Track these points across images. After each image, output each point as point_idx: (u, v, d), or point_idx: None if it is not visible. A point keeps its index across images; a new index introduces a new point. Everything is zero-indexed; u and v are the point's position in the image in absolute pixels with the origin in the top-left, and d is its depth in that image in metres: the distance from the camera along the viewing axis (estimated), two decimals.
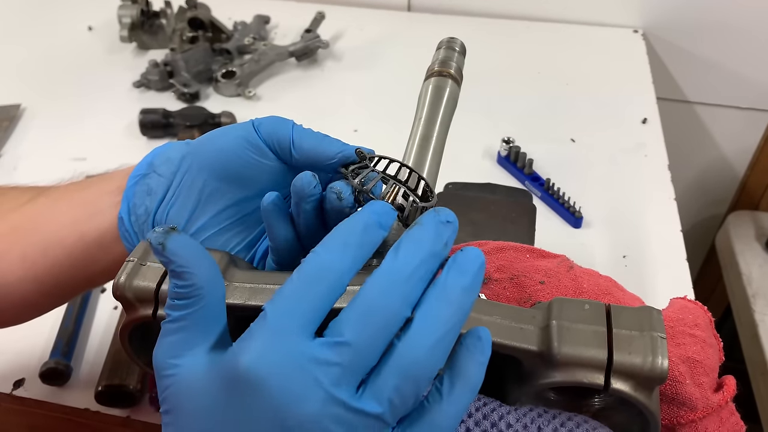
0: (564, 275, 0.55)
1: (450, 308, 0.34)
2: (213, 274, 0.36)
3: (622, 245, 1.01)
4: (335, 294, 0.34)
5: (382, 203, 0.36)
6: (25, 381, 0.85)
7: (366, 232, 0.35)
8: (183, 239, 0.35)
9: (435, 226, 0.35)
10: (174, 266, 0.35)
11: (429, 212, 0.36)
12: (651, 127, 1.24)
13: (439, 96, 0.63)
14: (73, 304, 0.91)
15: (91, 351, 0.87)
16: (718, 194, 1.77)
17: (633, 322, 0.43)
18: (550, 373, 0.42)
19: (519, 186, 1.09)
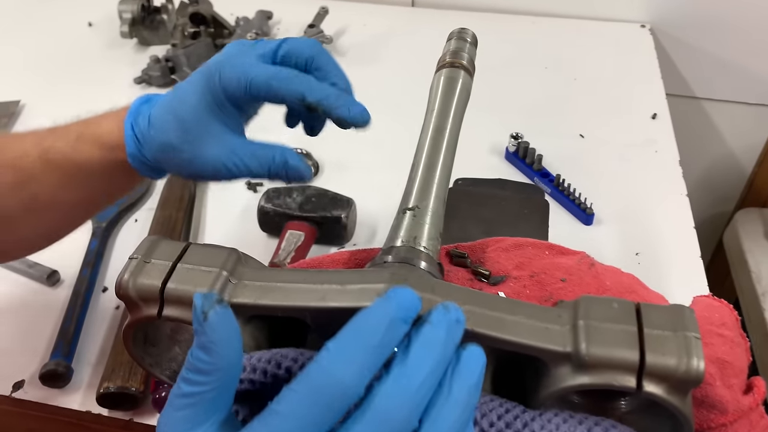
0: (585, 273, 0.53)
1: (458, 410, 0.33)
2: (237, 357, 0.35)
3: (635, 242, 0.99)
4: (344, 409, 0.32)
5: (410, 292, 0.33)
6: (25, 383, 0.82)
7: (390, 331, 0.33)
8: (225, 315, 0.34)
9: (447, 327, 0.34)
10: (206, 339, 0.33)
11: (438, 309, 0.34)
12: (661, 122, 1.21)
13: (452, 87, 0.61)
14: (73, 303, 0.89)
15: (92, 352, 0.85)
16: (725, 191, 1.75)
17: (665, 322, 0.41)
18: (578, 376, 0.40)
19: (528, 182, 1.07)
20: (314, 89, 0.51)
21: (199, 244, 0.47)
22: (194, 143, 0.53)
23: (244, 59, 0.53)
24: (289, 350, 0.42)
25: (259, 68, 0.52)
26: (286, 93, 0.51)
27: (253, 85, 0.51)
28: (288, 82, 0.51)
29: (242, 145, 0.54)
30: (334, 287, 0.43)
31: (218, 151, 0.53)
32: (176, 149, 0.53)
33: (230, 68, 0.52)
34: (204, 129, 0.53)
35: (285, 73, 0.52)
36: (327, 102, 0.51)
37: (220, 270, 0.45)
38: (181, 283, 0.44)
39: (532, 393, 0.43)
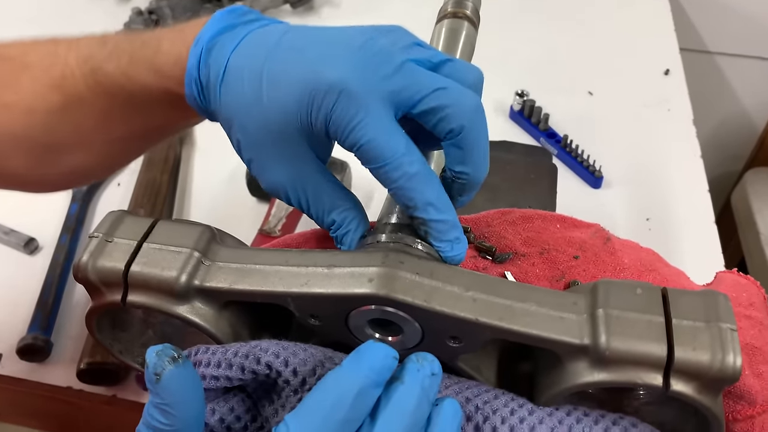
0: (601, 248, 0.47)
1: None
2: (197, 415, 0.33)
3: (645, 207, 0.93)
4: None
5: (383, 350, 0.31)
6: (2, 357, 0.78)
7: (358, 401, 0.31)
8: (182, 374, 0.32)
9: (420, 386, 0.31)
10: (160, 402, 0.32)
11: (411, 363, 0.32)
12: (674, 79, 1.15)
13: (455, 40, 0.55)
14: (52, 273, 0.84)
15: (72, 325, 0.81)
16: (735, 150, 1.69)
17: (696, 310, 0.36)
18: (596, 372, 0.35)
19: (534, 143, 1.01)
20: (432, 205, 0.39)
21: (168, 221, 0.42)
22: (261, 149, 0.42)
23: (369, 108, 0.38)
24: (270, 343, 0.37)
25: (380, 131, 0.38)
26: (396, 188, 0.39)
27: (362, 151, 0.38)
28: (407, 180, 0.38)
29: (315, 179, 0.42)
30: (320, 271, 0.38)
31: (283, 176, 0.42)
32: (237, 146, 0.43)
33: (345, 116, 0.38)
34: (281, 140, 0.41)
35: (408, 161, 0.38)
36: (434, 227, 0.40)
37: (192, 250, 0.40)
38: (148, 265, 0.39)
39: (542, 387, 0.38)
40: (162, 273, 0.39)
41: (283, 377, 0.36)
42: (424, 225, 0.40)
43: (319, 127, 0.39)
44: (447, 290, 0.37)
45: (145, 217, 0.42)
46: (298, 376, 0.36)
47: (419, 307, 0.36)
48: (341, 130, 0.38)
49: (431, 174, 0.40)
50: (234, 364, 0.37)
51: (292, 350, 0.37)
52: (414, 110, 0.39)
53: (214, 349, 0.38)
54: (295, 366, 0.36)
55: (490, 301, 0.37)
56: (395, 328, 0.39)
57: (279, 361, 0.36)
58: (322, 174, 0.42)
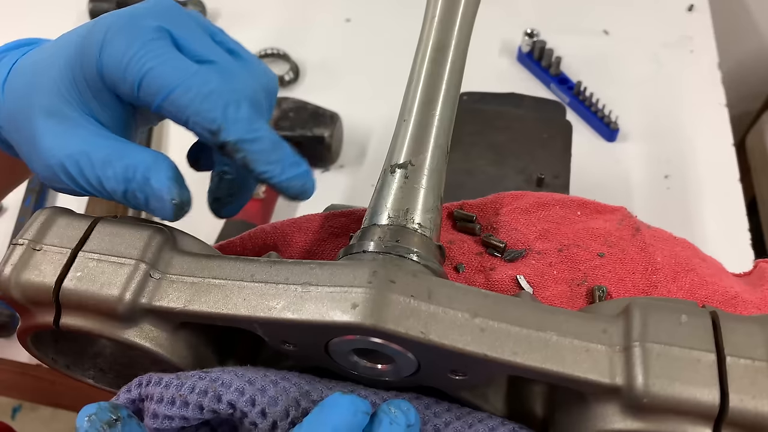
0: (629, 243, 0.40)
1: None
2: None
3: (664, 162, 0.86)
4: None
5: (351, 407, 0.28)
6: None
7: None
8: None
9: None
10: None
11: (383, 414, 0.29)
12: (698, 15, 1.04)
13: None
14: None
15: None
16: (753, 89, 1.59)
17: (755, 344, 0.29)
18: (630, 419, 0.29)
19: (543, 91, 0.92)
20: (240, 121, 0.32)
21: (110, 220, 0.35)
22: (26, 129, 0.34)
23: (145, 40, 0.33)
24: (233, 375, 0.31)
25: (162, 58, 0.32)
26: (192, 113, 0.32)
27: (145, 85, 0.32)
28: (203, 100, 0.32)
29: (103, 146, 0.34)
30: (292, 290, 0.31)
31: (58, 148, 0.33)
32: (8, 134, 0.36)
33: (118, 43, 0.33)
34: (49, 113, 0.34)
35: (201, 80, 0.32)
36: (250, 148, 0.33)
37: (138, 261, 0.32)
38: (84, 280, 0.32)
39: (560, 427, 0.32)
40: (101, 291, 0.32)
41: (249, 419, 0.30)
42: (238, 150, 0.32)
43: (94, 74, 0.33)
44: (449, 317, 0.30)
45: (86, 215, 0.35)
46: (267, 418, 0.30)
47: (414, 340, 0.29)
48: (115, 69, 0.33)
49: (234, 91, 0.33)
50: (190, 402, 0.30)
51: (260, 385, 0.31)
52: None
53: (167, 381, 0.31)
54: (264, 406, 0.30)
55: (502, 331, 0.30)
56: (387, 357, 0.32)
57: (244, 400, 0.30)
58: (108, 137, 0.34)
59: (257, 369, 0.33)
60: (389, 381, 0.34)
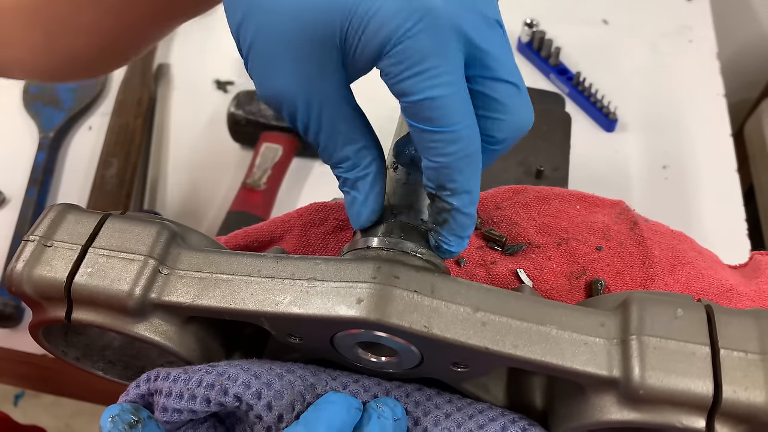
0: (627, 236, 0.41)
1: None
2: None
3: (662, 153, 0.86)
4: None
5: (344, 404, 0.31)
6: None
7: None
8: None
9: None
10: None
11: (371, 410, 0.32)
12: (697, 5, 1.04)
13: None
14: (20, 230, 0.78)
15: None
16: (751, 76, 1.59)
17: (748, 337, 0.30)
18: (626, 410, 0.30)
19: (543, 81, 0.92)
20: (470, 195, 0.31)
21: (119, 216, 0.35)
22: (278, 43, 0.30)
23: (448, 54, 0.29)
24: (239, 369, 0.32)
25: (453, 91, 0.29)
26: (442, 163, 0.30)
27: (418, 108, 0.29)
28: (458, 160, 0.30)
29: (336, 99, 0.32)
30: (299, 285, 0.32)
31: (298, 84, 0.31)
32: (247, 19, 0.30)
33: (415, 51, 0.28)
34: (310, 41, 0.29)
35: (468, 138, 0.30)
36: (458, 220, 0.32)
37: (147, 257, 0.33)
38: (94, 276, 0.33)
39: (559, 417, 0.33)
40: (111, 286, 0.32)
41: (254, 412, 0.31)
42: (448, 213, 0.32)
43: (369, 53, 0.29)
44: (451, 312, 0.31)
45: (94, 211, 0.36)
46: (273, 411, 0.31)
47: (418, 334, 0.30)
48: (401, 67, 0.28)
49: (480, 162, 0.31)
50: (198, 396, 0.31)
51: (266, 379, 0.32)
52: (475, 84, 0.30)
53: (175, 375, 0.32)
54: (270, 399, 0.31)
55: (503, 325, 0.31)
56: (391, 349, 0.33)
57: (250, 393, 0.31)
58: (346, 96, 0.32)
59: (263, 362, 0.34)
60: (393, 372, 0.35)
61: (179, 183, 0.83)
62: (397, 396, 0.34)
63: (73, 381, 0.81)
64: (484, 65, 0.30)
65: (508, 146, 0.32)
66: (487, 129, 0.31)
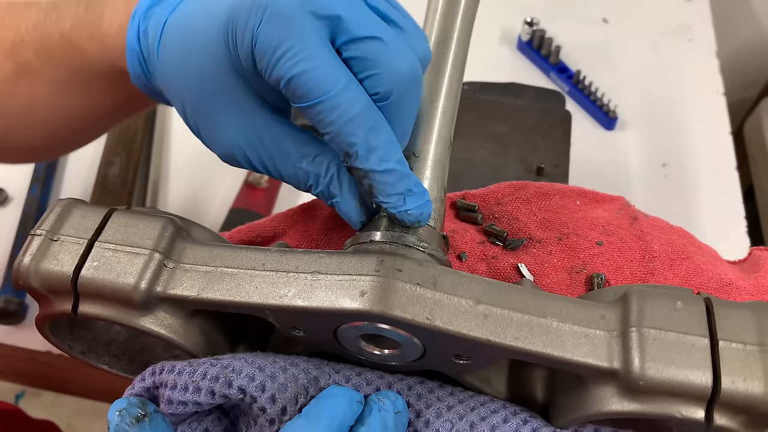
0: (627, 231, 0.42)
1: None
2: None
3: (662, 151, 0.87)
4: None
5: (346, 397, 0.31)
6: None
7: None
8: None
9: (382, 426, 0.31)
10: None
11: (372, 404, 0.32)
12: (697, 4, 1.05)
13: None
14: (23, 228, 0.78)
15: None
16: (751, 75, 1.59)
17: (747, 329, 0.30)
18: (627, 401, 0.30)
19: (543, 79, 0.93)
20: (376, 151, 0.32)
21: (124, 211, 0.36)
22: (205, 107, 0.36)
23: (302, 33, 0.31)
24: (244, 362, 0.32)
25: (316, 62, 0.31)
26: (333, 131, 0.32)
27: (292, 86, 0.32)
28: (347, 122, 0.32)
29: (271, 128, 0.35)
30: (303, 278, 0.32)
31: (235, 133, 0.35)
32: (183, 111, 0.37)
33: (273, 29, 0.31)
34: (222, 89, 0.35)
35: (349, 99, 0.32)
36: (379, 179, 0.33)
37: (152, 251, 0.34)
38: (101, 270, 0.33)
39: (561, 409, 0.34)
40: (117, 280, 0.33)
41: (258, 404, 0.31)
42: (367, 178, 0.33)
43: (246, 59, 0.33)
44: (453, 304, 0.31)
45: (100, 205, 0.36)
46: (276, 403, 0.31)
47: (420, 326, 0.30)
48: (267, 58, 0.32)
49: (378, 116, 0.33)
50: (202, 388, 0.32)
51: (270, 372, 0.32)
52: (344, 52, 0.32)
53: (180, 368, 0.32)
54: (274, 392, 0.31)
55: (504, 317, 0.31)
56: (393, 342, 0.33)
57: (254, 386, 0.31)
58: (277, 121, 0.36)
59: (267, 355, 0.34)
60: (395, 365, 0.35)
61: (181, 181, 0.84)
62: (399, 389, 0.35)
63: (75, 378, 0.81)
64: (344, 31, 0.32)
65: (404, 96, 0.33)
66: (370, 88, 0.33)
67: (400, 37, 0.34)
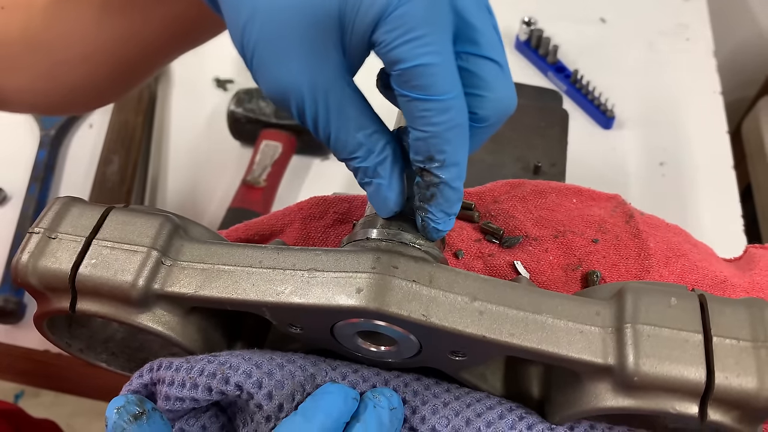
0: (622, 229, 0.42)
1: None
2: None
3: (659, 150, 0.87)
4: None
5: (341, 394, 0.32)
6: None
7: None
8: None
9: (377, 422, 0.31)
10: None
11: (368, 400, 0.32)
12: (694, 3, 1.05)
13: None
14: (22, 227, 0.78)
15: None
16: (749, 75, 1.60)
17: (740, 326, 0.31)
18: (621, 396, 0.31)
19: (541, 79, 0.93)
20: (458, 167, 0.32)
21: (122, 209, 0.36)
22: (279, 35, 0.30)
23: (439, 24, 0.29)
24: (241, 359, 0.32)
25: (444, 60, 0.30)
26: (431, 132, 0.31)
27: (407, 74, 0.30)
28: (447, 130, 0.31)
29: (341, 87, 0.32)
30: (299, 275, 0.32)
31: (302, 74, 0.31)
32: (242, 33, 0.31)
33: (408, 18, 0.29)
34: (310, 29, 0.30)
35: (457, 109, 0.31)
36: (446, 194, 0.33)
37: (150, 249, 0.34)
38: (98, 267, 0.33)
39: (556, 405, 0.34)
40: (115, 277, 0.33)
41: (254, 400, 0.32)
42: (436, 188, 0.32)
43: (365, 21, 0.30)
44: (449, 301, 0.31)
45: (97, 204, 0.36)
46: (273, 400, 0.32)
47: (416, 322, 0.31)
48: (394, 35, 0.29)
49: (468, 135, 0.32)
50: (200, 384, 0.32)
51: (267, 369, 0.32)
52: (461, 60, 0.31)
53: (178, 365, 0.33)
54: (270, 389, 0.32)
55: (500, 314, 0.31)
56: (390, 339, 0.33)
57: (251, 382, 0.32)
58: (350, 85, 0.33)
59: (264, 352, 0.34)
60: (392, 362, 0.35)
61: (179, 180, 0.84)
62: (395, 385, 0.35)
63: (73, 377, 0.81)
64: (471, 41, 0.31)
65: (492, 126, 0.33)
66: (471, 106, 0.32)
67: (507, 70, 0.33)
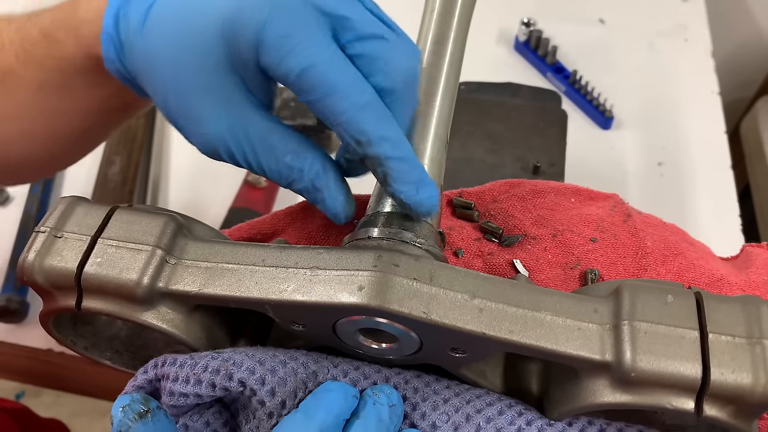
0: (620, 228, 0.42)
1: None
2: None
3: (658, 150, 0.88)
4: None
5: (341, 392, 0.32)
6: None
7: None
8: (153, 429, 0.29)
9: (377, 419, 0.32)
10: None
11: (367, 397, 0.33)
12: (693, 4, 1.06)
13: None
14: (25, 227, 0.79)
15: None
16: (747, 75, 1.60)
17: (736, 323, 0.31)
18: (618, 393, 0.31)
19: (540, 79, 0.94)
20: (388, 139, 0.33)
21: (126, 209, 0.36)
22: (190, 98, 0.35)
23: (309, 28, 0.32)
24: (244, 356, 0.33)
25: (325, 56, 0.32)
26: (344, 121, 0.33)
27: (303, 80, 0.32)
28: (359, 110, 0.33)
29: (258, 122, 0.35)
30: (302, 273, 0.33)
31: (220, 125, 0.35)
32: (163, 101, 0.36)
33: (281, 25, 0.32)
34: (211, 82, 0.35)
35: (359, 89, 0.33)
36: (393, 167, 0.34)
37: (154, 247, 0.34)
38: (104, 266, 0.34)
39: (555, 401, 0.34)
40: (120, 275, 0.34)
41: (257, 397, 0.32)
42: (381, 165, 0.34)
43: (248, 54, 0.33)
44: (449, 298, 0.32)
45: (102, 204, 0.37)
46: (275, 397, 0.32)
47: (417, 319, 0.31)
48: (274, 53, 0.32)
49: (386, 109, 0.34)
50: (203, 380, 0.32)
51: (270, 365, 0.33)
52: (348, 49, 0.34)
53: (182, 361, 0.33)
54: (273, 385, 0.32)
55: (499, 311, 0.32)
56: (391, 336, 0.34)
57: (254, 379, 0.32)
58: (264, 116, 0.36)
59: (267, 349, 0.35)
60: (393, 359, 0.36)
61: (181, 181, 0.84)
62: (396, 382, 0.35)
63: (76, 376, 0.82)
64: (348, 29, 0.34)
65: (405, 92, 0.35)
66: (375, 82, 0.34)
67: (398, 38, 0.35)
